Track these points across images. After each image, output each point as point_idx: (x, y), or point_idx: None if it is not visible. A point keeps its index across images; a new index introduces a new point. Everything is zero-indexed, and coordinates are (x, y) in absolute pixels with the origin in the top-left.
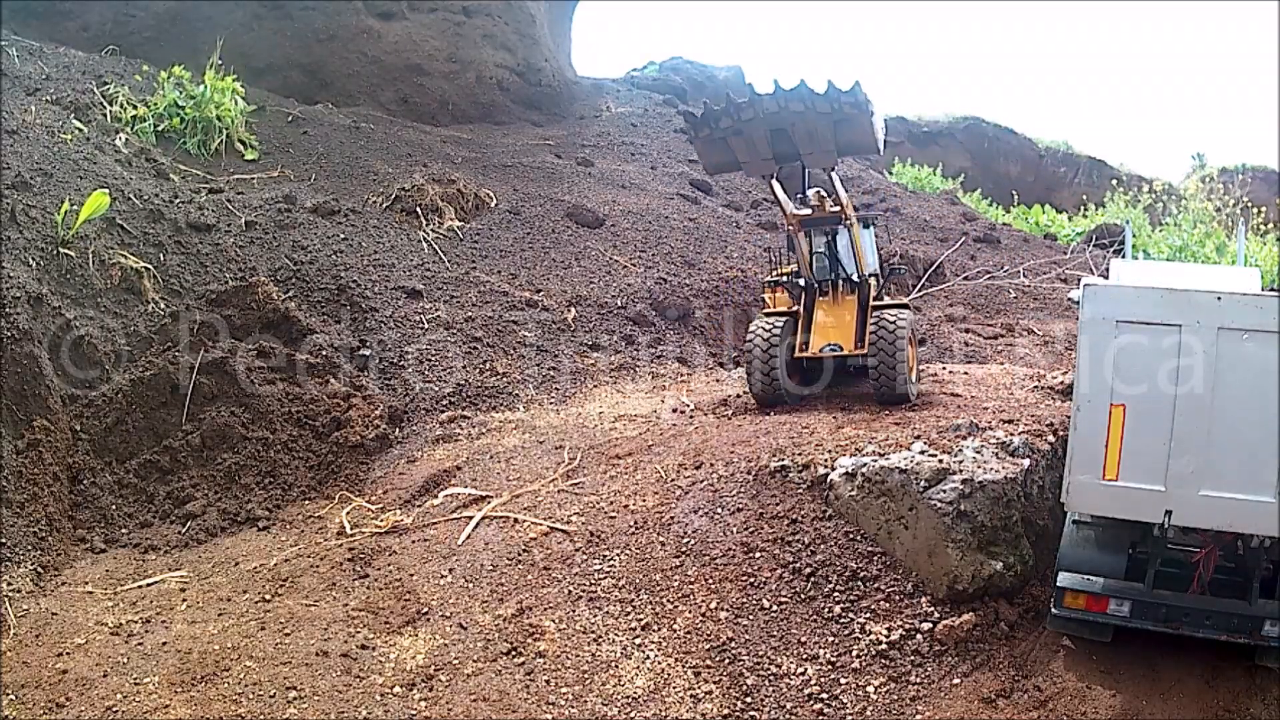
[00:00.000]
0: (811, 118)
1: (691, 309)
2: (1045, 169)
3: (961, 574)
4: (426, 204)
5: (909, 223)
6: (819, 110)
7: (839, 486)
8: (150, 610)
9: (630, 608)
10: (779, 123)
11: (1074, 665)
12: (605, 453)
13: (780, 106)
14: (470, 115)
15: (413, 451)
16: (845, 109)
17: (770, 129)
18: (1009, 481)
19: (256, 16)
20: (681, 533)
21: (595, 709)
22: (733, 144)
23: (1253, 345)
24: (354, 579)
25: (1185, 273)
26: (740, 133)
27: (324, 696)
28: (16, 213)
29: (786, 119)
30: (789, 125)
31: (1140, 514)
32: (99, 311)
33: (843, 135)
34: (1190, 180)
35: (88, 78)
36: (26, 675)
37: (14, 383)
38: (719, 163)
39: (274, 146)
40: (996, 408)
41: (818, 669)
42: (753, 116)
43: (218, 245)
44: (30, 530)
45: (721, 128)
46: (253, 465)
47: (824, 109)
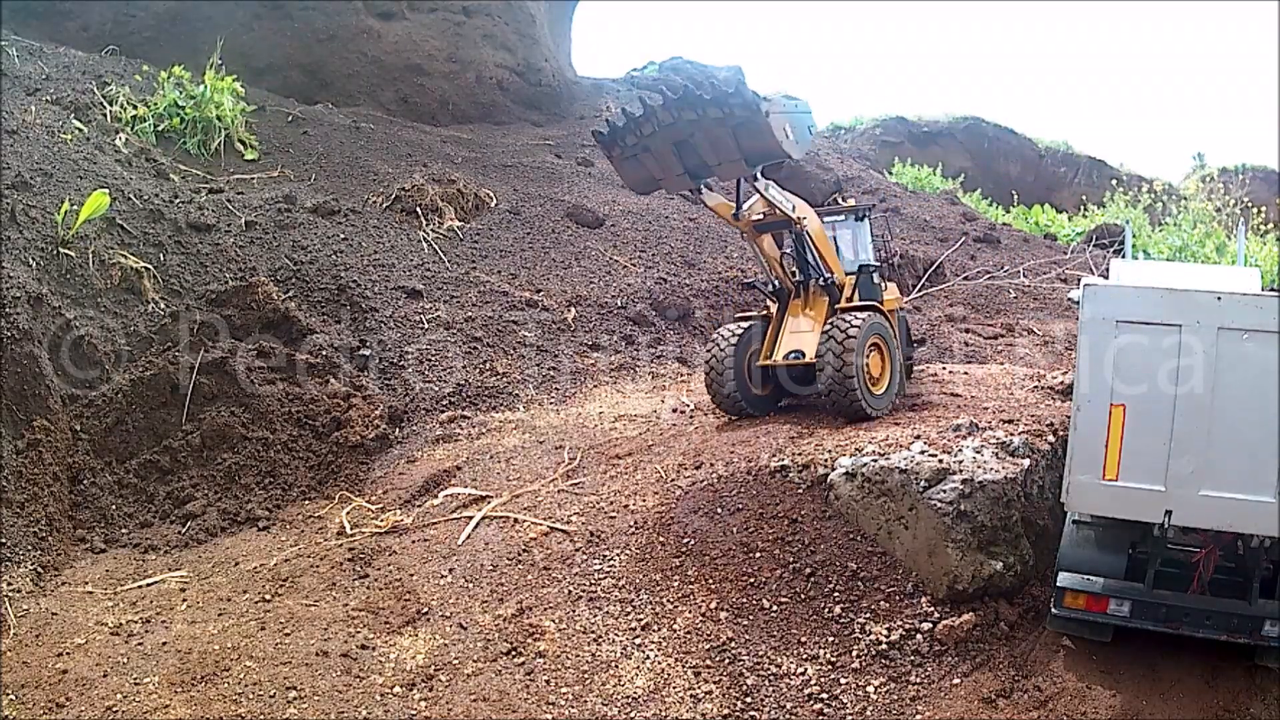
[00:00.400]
0: (708, 125)
1: (691, 309)
2: (1045, 169)
3: (961, 574)
4: (426, 204)
5: (909, 223)
6: (712, 117)
7: (839, 486)
8: (150, 610)
9: (630, 608)
10: (679, 135)
11: (1074, 665)
12: (605, 453)
13: (675, 117)
14: (470, 115)
15: (413, 451)
16: (737, 112)
17: (674, 142)
18: (1009, 481)
19: (256, 16)
20: (681, 533)
21: (595, 709)
22: (645, 161)
23: (1253, 345)
24: (354, 579)
25: (1185, 273)
26: (648, 149)
27: (324, 696)
28: (16, 213)
29: (685, 130)
30: (689, 136)
31: (1140, 514)
32: (99, 311)
33: (745, 142)
34: (1190, 180)
35: (88, 78)
36: (26, 675)
37: (14, 383)
38: (639, 181)
39: (274, 146)
40: (996, 408)
41: (818, 669)
42: (653, 131)
43: (218, 245)
44: (30, 530)
45: (630, 145)
46: (253, 465)
47: (716, 115)
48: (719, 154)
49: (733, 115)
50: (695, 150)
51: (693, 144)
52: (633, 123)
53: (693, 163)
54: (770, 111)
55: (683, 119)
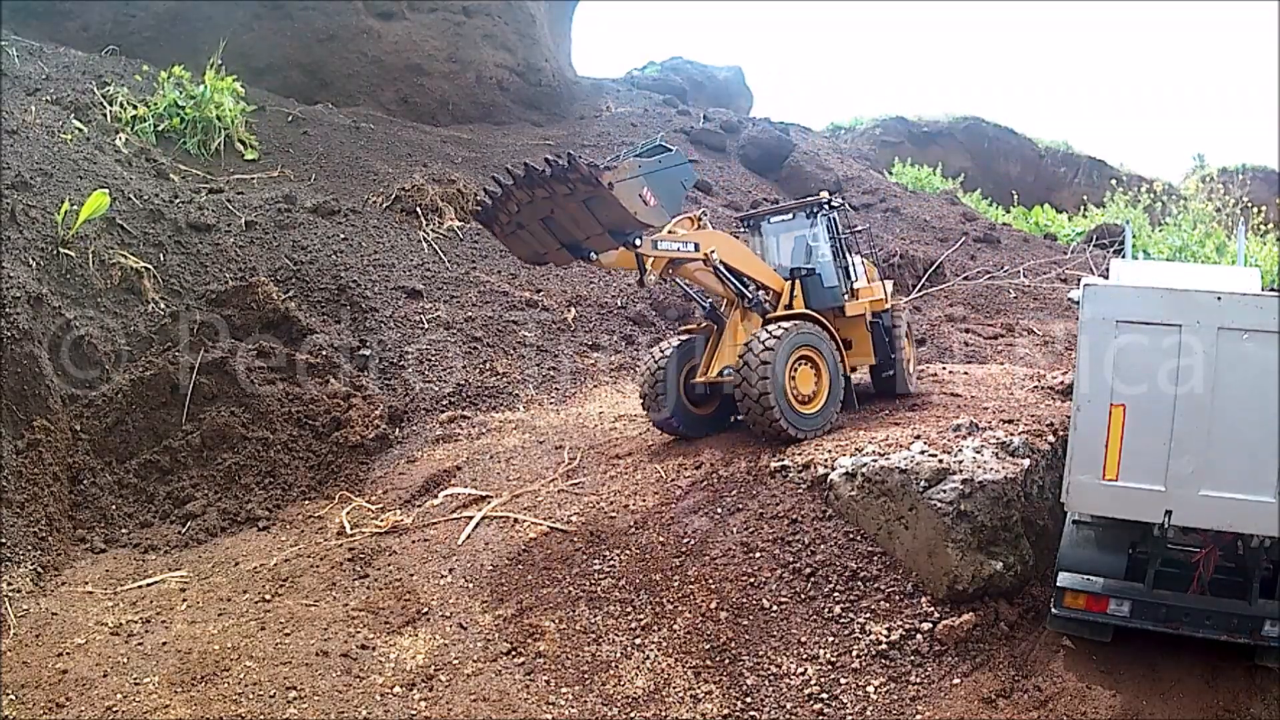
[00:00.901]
0: (560, 202)
1: (691, 308)
2: (1045, 169)
3: (961, 574)
4: (426, 204)
5: (909, 223)
6: (561, 194)
7: (839, 486)
8: (150, 610)
9: (630, 608)
10: (541, 212)
11: (1074, 665)
12: (605, 453)
13: (530, 196)
14: (470, 115)
15: (413, 451)
16: (580, 188)
17: (539, 219)
18: (1009, 481)
19: (256, 16)
20: (681, 533)
21: (595, 709)
22: (524, 237)
23: (1253, 345)
24: (354, 579)
25: (1185, 273)
26: (522, 225)
27: (324, 696)
28: (16, 213)
29: (543, 208)
30: (549, 213)
31: (1140, 514)
32: (99, 311)
33: (600, 215)
34: (1190, 180)
35: (88, 78)
36: (26, 675)
37: (14, 383)
38: (528, 254)
39: (274, 146)
40: (996, 408)
41: (818, 669)
42: (517, 209)
43: (218, 245)
44: (30, 530)
45: (505, 223)
46: (253, 465)
47: (564, 191)
48: (582, 228)
49: (578, 190)
50: (562, 225)
51: (558, 219)
52: (497, 201)
53: (565, 238)
54: (616, 182)
55: (538, 197)
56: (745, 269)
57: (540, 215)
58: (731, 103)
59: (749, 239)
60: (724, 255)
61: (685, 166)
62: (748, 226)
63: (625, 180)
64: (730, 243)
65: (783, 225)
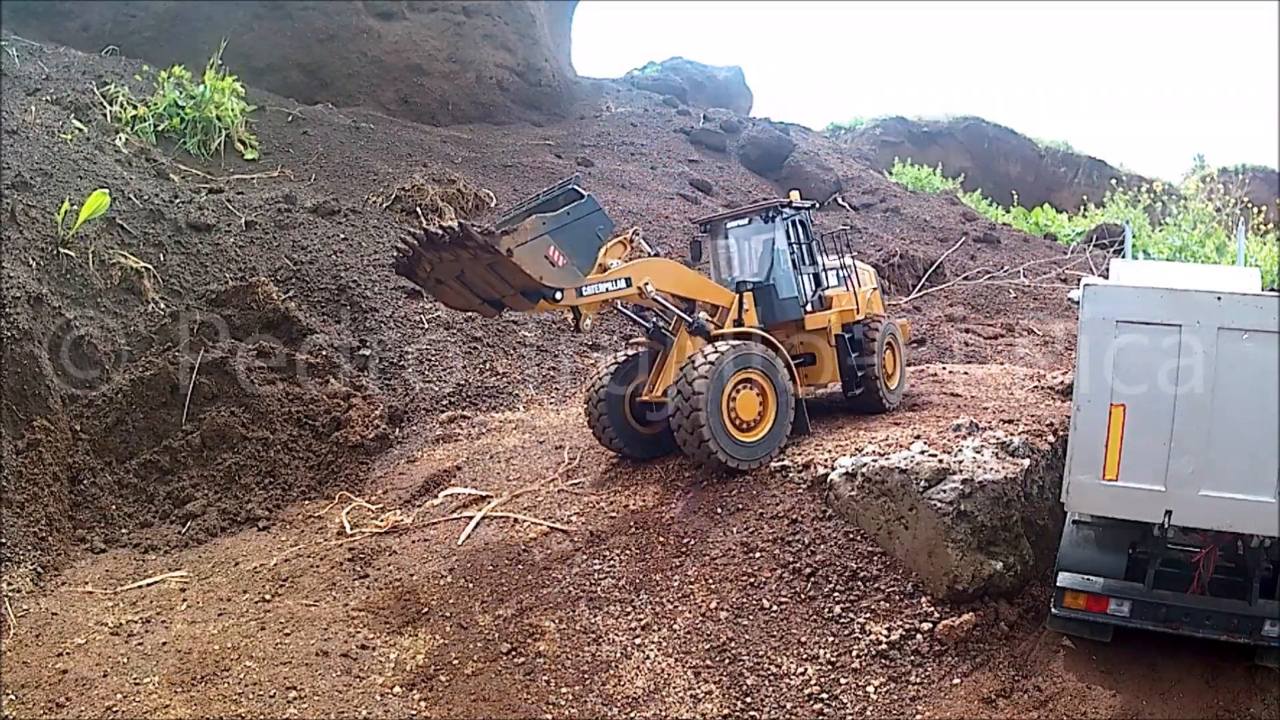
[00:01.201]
0: (468, 265)
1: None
2: (1045, 169)
3: (961, 574)
4: (426, 204)
5: (909, 223)
6: (465, 258)
7: (839, 486)
8: (150, 610)
9: (630, 608)
10: (454, 271)
11: (1074, 665)
12: (605, 453)
13: (439, 258)
14: (470, 115)
15: (413, 451)
16: (482, 254)
17: (455, 276)
18: (1009, 481)
19: (256, 16)
20: (681, 533)
21: (595, 709)
22: (446, 291)
23: (1253, 345)
24: (354, 579)
25: (1185, 273)
26: (442, 280)
27: (324, 696)
28: (16, 213)
29: (454, 268)
30: (461, 274)
31: (1140, 514)
32: (99, 311)
33: (507, 278)
34: (1190, 180)
35: (88, 78)
36: (26, 675)
37: (14, 383)
38: (457, 304)
39: (274, 146)
40: (996, 408)
41: (818, 669)
42: (432, 268)
43: (218, 245)
44: (30, 530)
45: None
46: (253, 465)
47: (468, 256)
48: (496, 288)
49: (480, 256)
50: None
51: (470, 279)
52: (410, 260)
53: (484, 294)
54: (515, 248)
55: (445, 259)
56: (684, 292)
57: (454, 275)
58: (731, 103)
59: (708, 244)
60: (659, 284)
61: (598, 214)
62: (706, 232)
63: (527, 243)
64: (664, 269)
65: (741, 231)
